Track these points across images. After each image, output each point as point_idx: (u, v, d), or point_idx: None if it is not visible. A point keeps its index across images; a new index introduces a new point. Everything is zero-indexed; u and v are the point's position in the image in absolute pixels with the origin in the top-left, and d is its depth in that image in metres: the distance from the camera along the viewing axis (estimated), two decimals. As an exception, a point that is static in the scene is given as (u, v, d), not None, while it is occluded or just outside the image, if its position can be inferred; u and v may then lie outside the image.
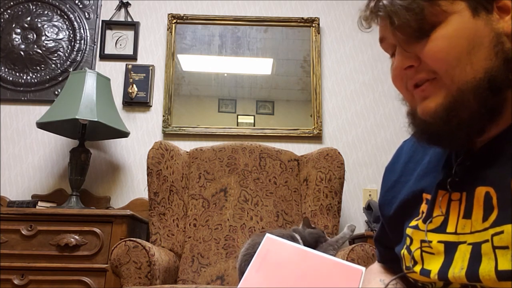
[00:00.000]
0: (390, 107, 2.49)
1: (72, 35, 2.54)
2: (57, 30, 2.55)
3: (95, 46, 2.54)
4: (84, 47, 2.53)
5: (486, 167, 0.57)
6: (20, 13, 2.55)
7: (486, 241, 0.53)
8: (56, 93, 2.42)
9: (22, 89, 2.45)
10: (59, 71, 2.48)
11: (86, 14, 2.58)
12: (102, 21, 2.56)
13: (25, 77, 2.47)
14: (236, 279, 1.73)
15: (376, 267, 0.84)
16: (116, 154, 2.41)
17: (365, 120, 2.47)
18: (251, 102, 2.49)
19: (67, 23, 2.56)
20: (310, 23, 2.57)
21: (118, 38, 2.55)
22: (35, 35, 2.52)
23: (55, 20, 2.56)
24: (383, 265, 0.83)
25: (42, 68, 2.48)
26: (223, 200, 1.99)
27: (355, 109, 2.49)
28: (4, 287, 1.81)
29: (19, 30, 2.53)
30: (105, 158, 2.40)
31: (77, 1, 2.59)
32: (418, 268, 0.62)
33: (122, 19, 2.58)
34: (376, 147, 2.44)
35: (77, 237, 1.86)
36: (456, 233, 0.58)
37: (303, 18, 2.57)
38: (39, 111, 2.37)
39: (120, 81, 2.48)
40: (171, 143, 2.08)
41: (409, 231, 0.66)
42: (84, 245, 1.86)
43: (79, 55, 2.52)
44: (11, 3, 2.56)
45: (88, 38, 2.55)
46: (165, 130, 2.40)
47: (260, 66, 2.57)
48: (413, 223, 0.66)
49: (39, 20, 2.55)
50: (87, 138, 2.21)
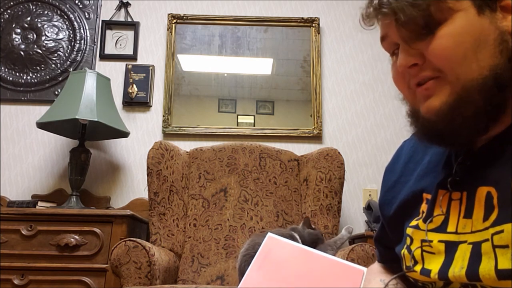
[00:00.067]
0: (390, 107, 2.49)
1: (72, 35, 2.54)
2: (57, 30, 2.54)
3: (95, 46, 2.54)
4: (84, 47, 2.53)
5: (487, 167, 0.57)
6: (20, 13, 2.55)
7: (486, 240, 0.53)
8: (56, 93, 2.42)
9: (22, 89, 2.45)
10: (59, 71, 2.48)
11: (86, 14, 2.57)
12: (102, 21, 2.56)
13: (25, 77, 2.46)
14: (236, 279, 1.73)
15: (376, 267, 0.84)
16: (116, 154, 2.41)
17: (365, 120, 2.47)
18: (251, 102, 2.49)
19: (67, 23, 2.56)
20: (310, 23, 2.57)
21: (118, 38, 2.55)
22: (35, 35, 2.52)
23: (55, 20, 2.56)
24: (383, 265, 0.82)
25: (42, 68, 2.48)
26: (223, 200, 1.99)
27: (355, 109, 2.49)
28: (4, 287, 1.81)
29: (19, 30, 2.52)
30: (105, 158, 2.40)
31: (77, 1, 2.59)
32: (418, 268, 0.62)
33: (122, 19, 2.58)
34: (376, 147, 2.44)
35: (77, 237, 1.86)
36: (456, 232, 0.58)
37: (303, 18, 2.57)
38: (39, 111, 2.36)
39: (120, 81, 2.48)
40: (171, 143, 2.08)
41: (409, 230, 0.66)
42: (84, 245, 1.86)
43: (79, 55, 2.51)
44: (11, 3, 2.56)
45: (88, 38, 2.55)
46: (165, 130, 2.40)
47: (260, 66, 2.57)
48: (414, 222, 0.66)
49: (39, 20, 2.55)
50: (87, 138, 2.21)
